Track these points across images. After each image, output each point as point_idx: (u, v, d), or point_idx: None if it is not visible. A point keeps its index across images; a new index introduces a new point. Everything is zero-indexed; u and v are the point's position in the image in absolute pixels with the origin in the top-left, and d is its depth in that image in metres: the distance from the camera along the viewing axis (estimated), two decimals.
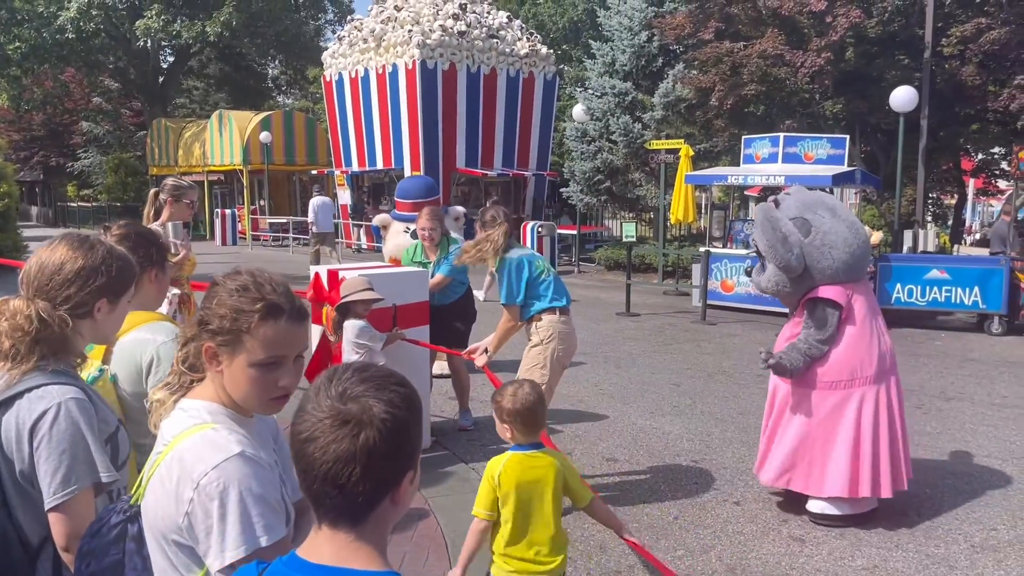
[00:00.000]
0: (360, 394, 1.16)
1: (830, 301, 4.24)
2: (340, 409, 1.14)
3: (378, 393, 1.16)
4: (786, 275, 4.27)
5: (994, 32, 13.30)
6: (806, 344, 4.21)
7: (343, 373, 1.20)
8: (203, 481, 1.38)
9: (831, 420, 4.24)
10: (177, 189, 5.04)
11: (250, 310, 1.51)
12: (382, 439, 1.13)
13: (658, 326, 11.02)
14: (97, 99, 35.94)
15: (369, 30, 20.61)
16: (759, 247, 4.41)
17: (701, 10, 16.03)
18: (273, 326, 1.52)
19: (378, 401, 1.15)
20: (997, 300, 10.67)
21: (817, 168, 12.30)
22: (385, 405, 1.15)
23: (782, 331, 4.65)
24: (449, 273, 5.86)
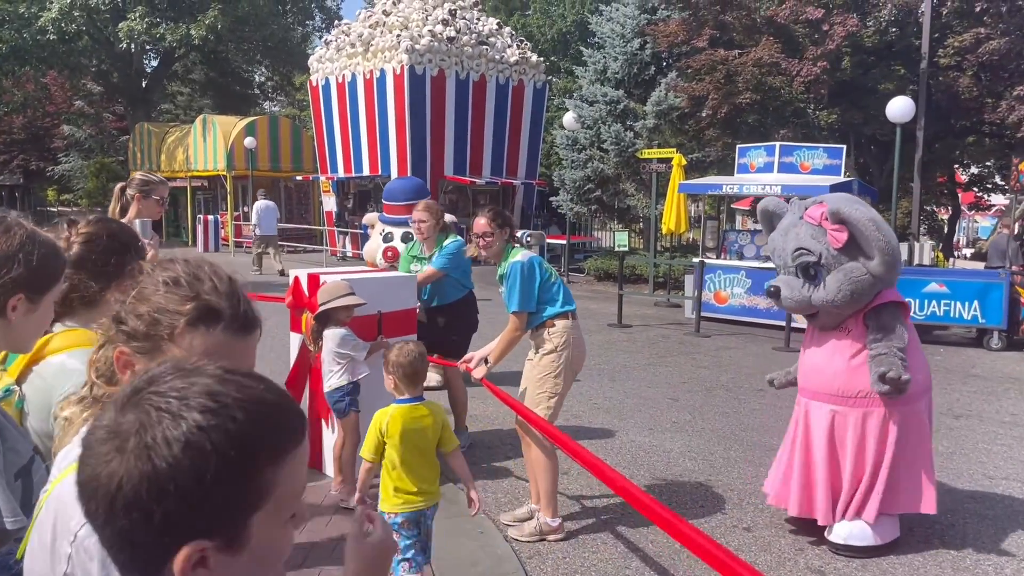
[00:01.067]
0: (159, 403, 0.80)
1: (899, 304, 3.84)
2: (116, 420, 0.80)
3: (186, 405, 0.79)
4: (873, 279, 3.72)
5: (993, 42, 13.15)
6: (895, 355, 3.67)
7: (175, 368, 0.85)
8: (82, 532, 0.98)
9: (921, 432, 3.84)
10: (146, 184, 4.65)
11: (176, 310, 1.15)
12: (144, 476, 0.76)
13: (651, 338, 10.70)
14: (79, 102, 35.38)
15: (357, 35, 20.28)
16: (823, 254, 3.81)
17: (695, 18, 15.83)
18: (204, 335, 1.15)
19: (177, 419, 0.78)
20: (997, 315, 10.43)
21: (814, 178, 12.05)
22: (184, 425, 0.78)
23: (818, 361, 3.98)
24: (441, 267, 5.40)
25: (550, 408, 4.07)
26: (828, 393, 3.97)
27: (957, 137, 16.20)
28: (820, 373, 3.99)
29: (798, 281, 3.97)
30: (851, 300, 3.81)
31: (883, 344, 3.73)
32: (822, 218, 3.89)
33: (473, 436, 5.73)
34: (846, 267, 3.80)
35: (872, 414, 3.84)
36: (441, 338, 5.41)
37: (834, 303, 3.84)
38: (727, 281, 12.08)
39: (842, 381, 3.90)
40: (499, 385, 4.35)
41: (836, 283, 3.80)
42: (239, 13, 27.30)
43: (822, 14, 14.33)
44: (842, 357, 3.90)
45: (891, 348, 3.71)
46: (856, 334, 3.89)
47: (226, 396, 0.81)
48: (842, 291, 3.78)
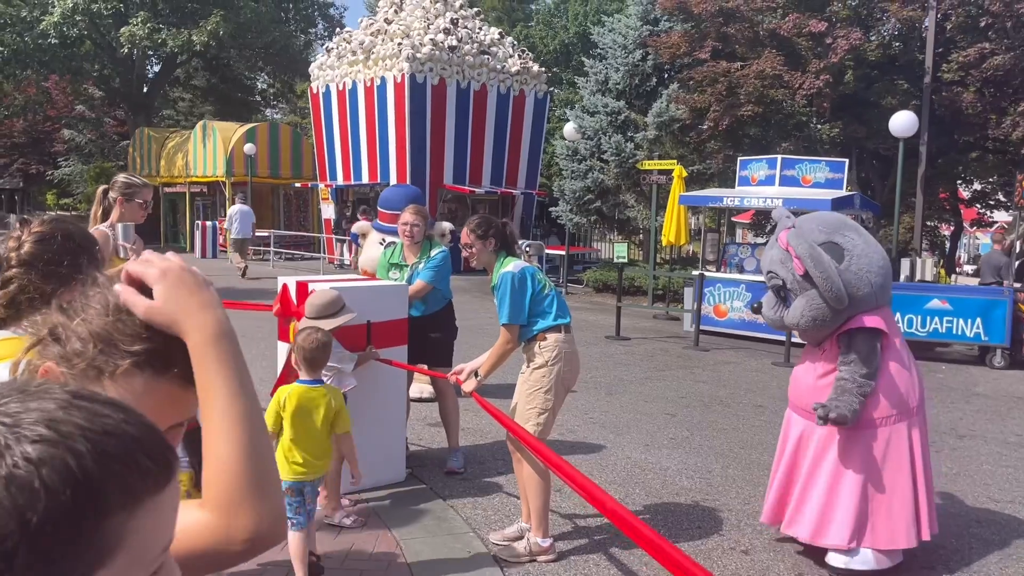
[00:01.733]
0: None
1: (873, 331, 3.77)
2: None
3: (15, 434, 0.62)
4: (833, 307, 3.74)
5: (998, 58, 13.07)
6: (855, 383, 3.66)
7: (14, 389, 0.68)
8: None
9: (889, 461, 3.75)
10: (129, 187, 4.51)
11: (124, 349, 0.98)
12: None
13: (649, 351, 10.56)
14: (80, 107, 35.33)
15: (358, 42, 20.21)
16: (788, 279, 3.88)
17: (697, 29, 15.75)
18: (150, 382, 0.98)
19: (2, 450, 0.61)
20: (1000, 333, 10.28)
21: (815, 192, 11.94)
22: (10, 458, 0.61)
23: (798, 374, 4.07)
24: (431, 280, 5.22)
25: (540, 424, 3.93)
26: (800, 406, 4.04)
27: (960, 153, 16.10)
28: (798, 386, 4.04)
29: (773, 300, 4.03)
30: (813, 325, 3.83)
31: (848, 369, 3.73)
32: (787, 243, 3.90)
33: (464, 450, 5.58)
34: (809, 293, 3.82)
35: (829, 433, 3.82)
36: (428, 347, 5.27)
37: (798, 326, 3.89)
38: (727, 295, 11.95)
39: (810, 397, 3.92)
40: (493, 399, 4.21)
41: (800, 308, 3.84)
42: (241, 20, 27.26)
43: (825, 27, 14.25)
44: (814, 374, 3.93)
45: (853, 375, 3.69)
46: (830, 355, 3.89)
47: (69, 424, 0.64)
48: (805, 316, 3.82)
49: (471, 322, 9.63)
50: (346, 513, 4.34)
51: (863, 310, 3.77)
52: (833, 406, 3.64)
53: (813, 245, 3.75)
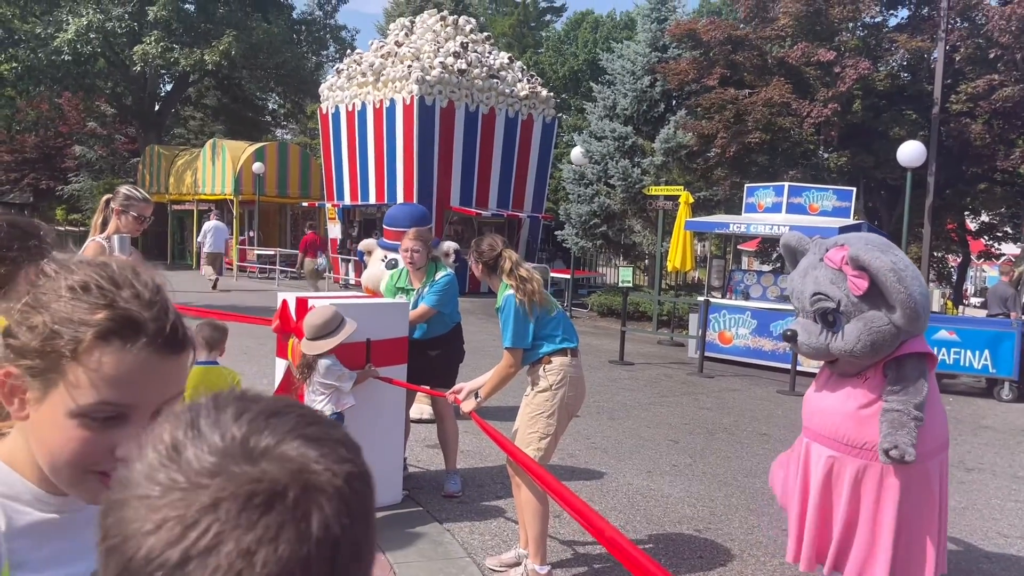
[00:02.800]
0: (287, 444, 0.57)
1: (921, 356, 3.53)
2: (248, 474, 0.54)
3: (320, 445, 0.57)
4: (896, 330, 3.43)
5: (1007, 89, 13.06)
6: (911, 416, 3.38)
7: (231, 402, 0.61)
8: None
9: (925, 497, 3.52)
10: (127, 199, 4.48)
11: (82, 320, 0.89)
12: (353, 521, 0.56)
13: (653, 377, 10.47)
14: (92, 123, 35.59)
15: (368, 64, 20.34)
16: (842, 301, 3.54)
17: (706, 57, 15.80)
18: (119, 353, 0.89)
19: (326, 459, 0.56)
20: (1008, 365, 10.18)
21: (822, 220, 11.89)
22: (344, 466, 0.57)
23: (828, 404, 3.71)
24: (434, 304, 5.15)
25: (541, 450, 3.85)
26: (831, 437, 3.70)
27: (968, 184, 16.04)
28: (827, 416, 3.71)
29: (816, 327, 3.67)
30: (871, 351, 3.51)
31: (899, 399, 3.44)
32: (843, 262, 3.60)
33: (463, 472, 5.50)
34: (867, 315, 3.51)
35: (871, 468, 3.55)
36: (430, 370, 5.20)
37: (852, 353, 3.54)
38: (732, 321, 11.87)
39: (848, 428, 3.61)
40: (494, 421, 4.14)
41: (856, 332, 3.50)
42: (253, 40, 27.47)
43: (834, 56, 14.28)
44: (854, 403, 3.61)
45: (907, 405, 3.40)
46: (873, 384, 3.58)
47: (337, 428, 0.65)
48: (861, 341, 3.49)
49: (475, 343, 9.55)
50: None
51: (910, 336, 3.57)
52: (899, 442, 3.36)
53: (897, 253, 3.52)
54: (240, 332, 10.53)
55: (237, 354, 9.74)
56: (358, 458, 0.61)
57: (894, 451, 3.34)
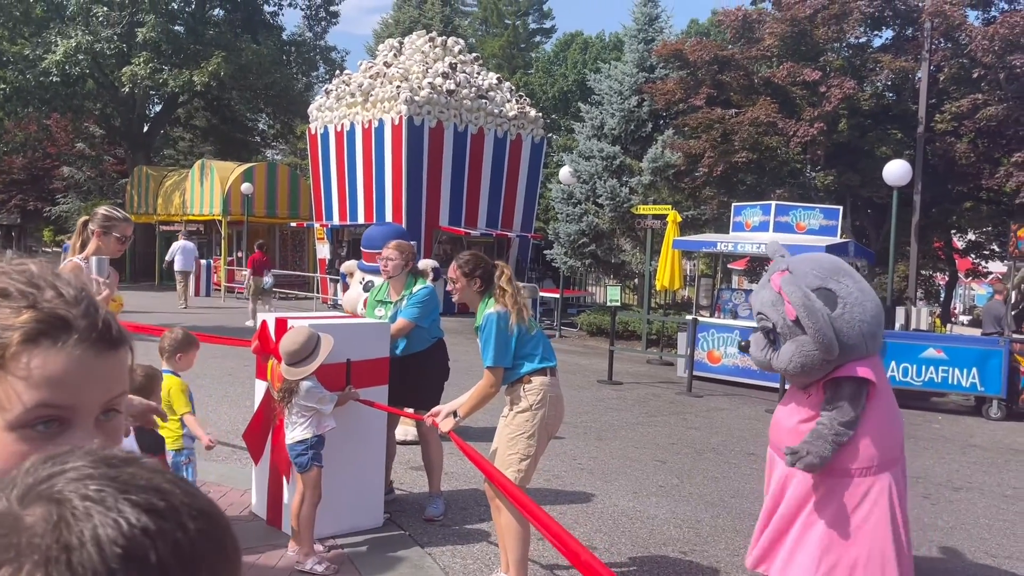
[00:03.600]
0: (74, 493, 0.56)
1: (860, 380, 3.66)
2: (11, 516, 0.55)
3: (115, 497, 0.56)
4: (823, 357, 3.65)
5: (991, 108, 13.16)
6: (832, 431, 3.54)
7: (66, 458, 0.60)
8: None
9: (863, 512, 3.61)
10: (108, 220, 4.44)
11: (7, 326, 0.84)
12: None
13: (642, 396, 10.41)
14: (80, 145, 35.54)
15: (357, 84, 20.38)
16: (778, 323, 3.72)
17: (692, 77, 15.89)
18: (50, 353, 0.84)
19: (109, 511, 0.55)
20: (996, 383, 10.17)
21: (809, 238, 11.92)
22: (122, 521, 0.54)
23: (781, 415, 3.91)
24: (413, 317, 5.07)
25: (521, 471, 3.79)
26: (779, 448, 3.88)
27: (954, 203, 16.13)
28: (779, 429, 3.88)
29: (764, 342, 3.86)
30: (801, 372, 3.69)
31: (828, 416, 3.61)
32: (779, 286, 3.77)
33: (447, 495, 5.42)
34: (799, 339, 3.67)
35: (810, 479, 3.67)
36: (412, 388, 5.14)
37: (786, 371, 3.75)
38: (720, 340, 11.85)
39: (788, 439, 3.78)
40: (470, 441, 4.08)
41: (788, 353, 3.69)
42: (243, 61, 27.52)
43: (819, 76, 14.37)
44: (796, 418, 3.78)
45: (832, 423, 3.56)
46: (815, 400, 3.74)
47: (175, 497, 0.59)
48: (793, 362, 3.68)
49: (464, 363, 9.47)
50: (319, 560, 4.17)
51: (853, 358, 3.67)
52: (804, 451, 3.54)
53: (807, 293, 3.64)
54: (224, 353, 10.44)
55: (221, 375, 9.65)
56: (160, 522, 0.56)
57: (791, 456, 3.55)
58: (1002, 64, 13.00)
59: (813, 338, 3.57)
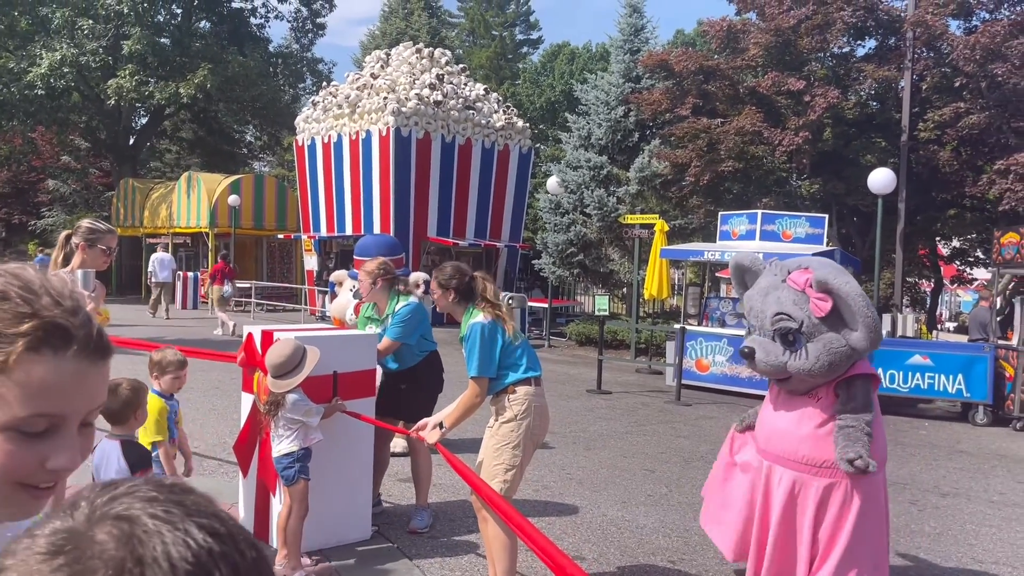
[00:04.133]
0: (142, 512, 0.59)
1: (870, 376, 3.69)
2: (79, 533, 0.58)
3: (178, 522, 0.59)
4: (851, 352, 3.59)
5: (973, 117, 13.28)
6: (862, 430, 3.55)
7: (127, 484, 0.63)
8: None
9: (881, 510, 3.66)
10: (92, 232, 4.42)
11: (9, 333, 0.86)
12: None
13: (630, 405, 10.42)
14: (66, 158, 35.37)
15: (344, 96, 20.39)
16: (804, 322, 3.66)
17: (678, 87, 15.99)
18: (50, 364, 0.86)
19: (178, 534, 0.58)
20: (982, 389, 10.23)
21: (796, 247, 11.97)
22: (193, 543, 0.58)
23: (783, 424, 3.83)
24: (397, 337, 5.05)
25: (507, 482, 3.78)
26: (792, 459, 3.81)
27: (938, 210, 16.26)
28: (786, 438, 3.81)
29: (775, 345, 3.78)
30: (828, 371, 3.67)
31: (851, 416, 3.59)
32: (806, 284, 3.74)
33: (436, 507, 5.41)
34: (826, 337, 3.65)
35: (837, 485, 3.68)
36: (404, 403, 5.13)
37: (811, 372, 3.68)
38: (709, 348, 11.87)
39: (808, 448, 3.74)
40: (458, 453, 4.07)
41: (815, 352, 3.64)
42: (229, 73, 27.48)
43: (803, 85, 14.49)
44: (810, 424, 3.73)
45: (859, 421, 3.56)
46: (825, 403, 3.72)
47: (232, 525, 0.63)
48: (820, 361, 3.63)
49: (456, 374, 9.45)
50: (306, 573, 4.15)
51: (861, 357, 3.70)
52: (855, 454, 3.51)
53: (849, 279, 3.65)
54: (211, 366, 10.38)
55: (208, 388, 9.60)
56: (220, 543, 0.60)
57: (859, 461, 3.49)
58: (983, 73, 13.14)
59: (868, 328, 3.54)
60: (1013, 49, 12.82)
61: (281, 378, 4.14)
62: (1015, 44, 12.83)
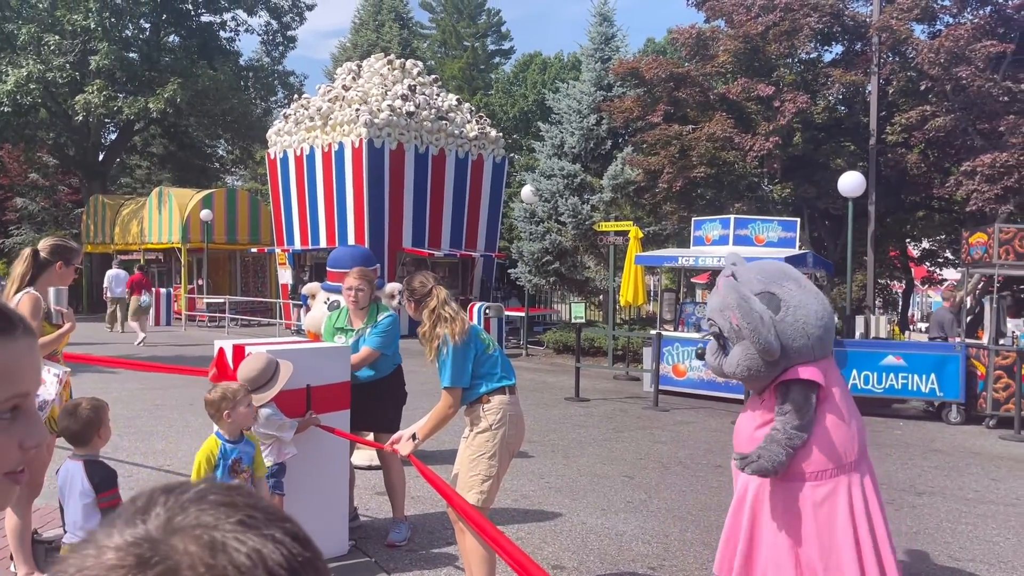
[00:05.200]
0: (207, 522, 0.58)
1: (808, 382, 3.70)
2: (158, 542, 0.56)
3: (248, 531, 0.57)
4: (764, 359, 3.69)
5: (939, 119, 13.47)
6: (785, 435, 3.57)
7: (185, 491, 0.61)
8: None
9: (823, 517, 3.63)
10: (62, 249, 4.38)
11: None
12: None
13: (609, 412, 10.42)
14: (34, 175, 34.87)
15: (316, 108, 20.32)
16: (725, 328, 3.80)
17: (649, 94, 16.08)
18: (8, 347, 0.89)
19: (266, 540, 0.57)
20: (955, 388, 10.35)
21: (768, 251, 12.07)
22: (283, 548, 0.57)
23: (741, 423, 3.94)
24: (378, 346, 5.02)
25: (484, 493, 3.75)
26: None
27: (907, 212, 16.46)
28: (739, 435, 3.90)
29: (714, 348, 3.89)
30: (748, 375, 3.72)
31: (779, 420, 3.64)
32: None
33: (414, 519, 5.36)
34: (744, 342, 3.72)
35: (766, 485, 3.70)
36: (376, 415, 5.08)
37: (735, 376, 3.79)
38: (685, 354, 11.92)
39: (747, 446, 3.79)
40: (433, 465, 4.04)
41: (735, 358, 3.72)
42: (199, 87, 27.28)
43: (773, 91, 14.63)
44: (752, 425, 3.80)
45: (784, 426, 3.58)
46: (768, 405, 3.76)
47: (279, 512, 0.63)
48: (740, 366, 3.71)
49: (430, 386, 9.42)
50: None
51: (800, 361, 3.70)
52: (755, 455, 3.55)
53: (746, 296, 3.68)
54: (185, 382, 10.26)
55: (183, 406, 9.47)
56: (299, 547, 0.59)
57: (741, 461, 3.58)
58: (948, 76, 13.34)
59: (749, 339, 3.60)
60: (976, 52, 13.04)
61: (253, 392, 4.09)
62: (978, 47, 13.05)
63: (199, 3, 30.67)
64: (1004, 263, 10.45)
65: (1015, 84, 13.44)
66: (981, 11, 14.58)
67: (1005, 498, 6.68)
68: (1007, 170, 12.89)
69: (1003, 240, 10.41)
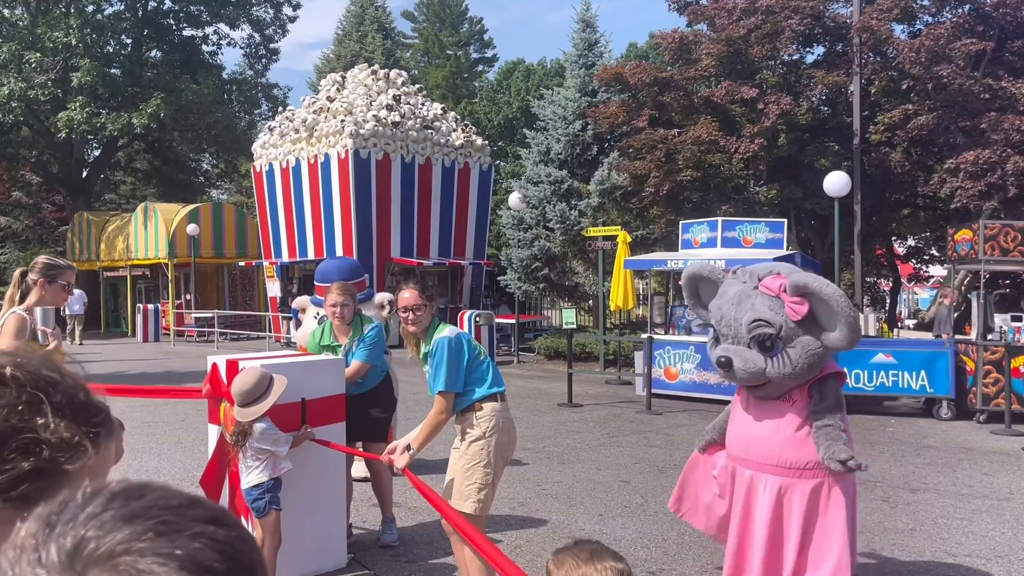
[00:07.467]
0: (122, 547, 0.51)
1: (839, 375, 3.75)
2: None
3: (167, 542, 0.51)
4: (848, 343, 3.63)
5: (921, 118, 13.59)
6: (840, 428, 3.63)
7: (84, 504, 0.56)
8: None
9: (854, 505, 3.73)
10: (52, 268, 4.34)
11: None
12: None
13: (602, 417, 10.43)
14: (17, 193, 34.66)
15: (301, 120, 20.29)
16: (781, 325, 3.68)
17: (634, 99, 16.15)
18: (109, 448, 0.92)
19: (190, 541, 0.52)
20: (944, 384, 10.41)
21: (756, 252, 12.13)
22: (207, 540, 0.52)
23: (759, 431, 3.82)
24: (367, 359, 5.02)
25: (480, 502, 3.74)
26: (776, 464, 3.82)
27: (893, 210, 16.59)
28: (766, 444, 3.82)
29: (752, 352, 3.78)
30: (807, 373, 3.73)
31: (828, 415, 3.66)
32: (780, 290, 3.76)
33: (411, 530, 5.34)
34: (803, 340, 3.70)
35: (822, 485, 3.73)
36: (370, 426, 5.08)
37: (792, 376, 3.73)
38: (676, 357, 11.94)
39: (790, 452, 3.76)
40: (425, 475, 4.02)
41: (795, 356, 3.68)
42: (183, 102, 27.18)
43: (756, 93, 14.72)
44: (789, 428, 3.76)
45: (835, 420, 3.63)
46: (801, 406, 3.76)
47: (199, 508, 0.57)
48: (799, 364, 3.68)
49: (416, 396, 9.42)
50: None
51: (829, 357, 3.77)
52: (848, 454, 3.56)
53: (826, 282, 3.70)
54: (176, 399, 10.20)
55: (174, 422, 9.42)
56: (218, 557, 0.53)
57: (851, 461, 3.54)
58: (929, 75, 13.47)
59: (850, 326, 3.60)
60: (956, 51, 13.17)
61: (247, 406, 4.07)
62: (958, 46, 13.18)
63: (180, 18, 30.59)
64: (990, 259, 10.53)
65: (995, 81, 13.58)
66: (960, 10, 14.73)
67: (998, 492, 6.72)
68: (990, 167, 13.01)
69: (988, 236, 10.48)
